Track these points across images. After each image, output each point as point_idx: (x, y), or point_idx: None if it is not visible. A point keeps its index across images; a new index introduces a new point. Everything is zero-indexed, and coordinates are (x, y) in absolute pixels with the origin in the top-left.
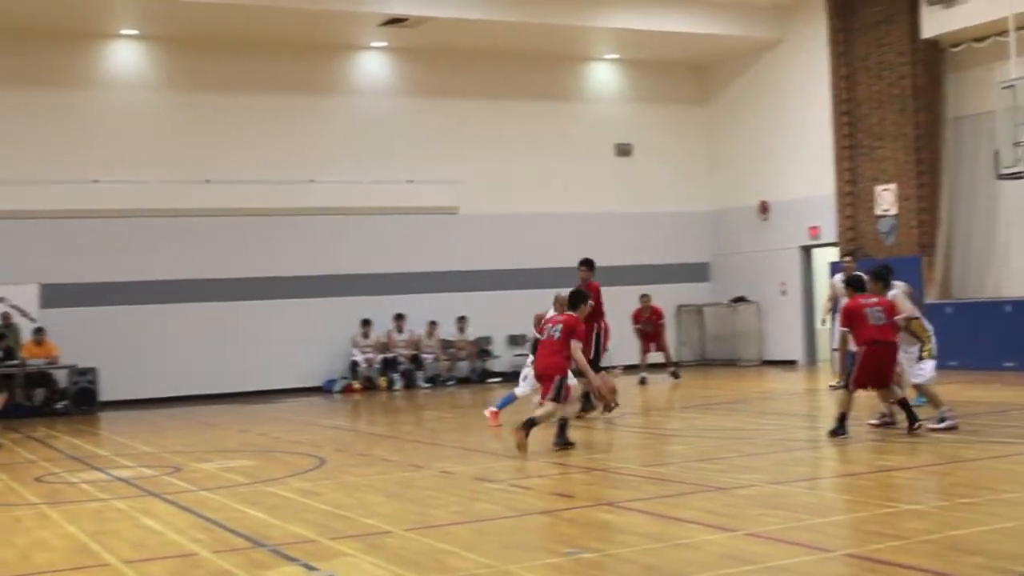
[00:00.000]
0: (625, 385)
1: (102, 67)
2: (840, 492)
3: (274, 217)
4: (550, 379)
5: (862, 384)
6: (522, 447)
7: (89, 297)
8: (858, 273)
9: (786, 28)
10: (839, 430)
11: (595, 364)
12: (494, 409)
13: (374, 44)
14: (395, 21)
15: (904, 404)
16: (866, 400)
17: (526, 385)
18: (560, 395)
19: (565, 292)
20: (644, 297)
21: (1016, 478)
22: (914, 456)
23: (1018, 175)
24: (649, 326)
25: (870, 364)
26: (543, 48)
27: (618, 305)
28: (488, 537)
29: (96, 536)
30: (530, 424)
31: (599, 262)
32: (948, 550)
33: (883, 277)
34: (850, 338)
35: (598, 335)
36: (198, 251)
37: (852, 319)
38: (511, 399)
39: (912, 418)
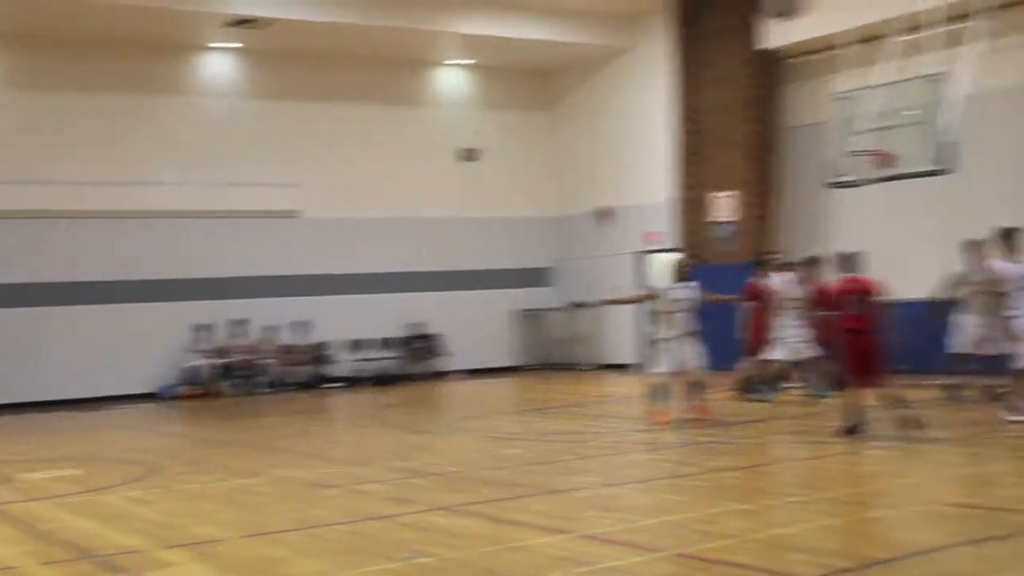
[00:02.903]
0: (469, 390)
1: None
2: (672, 493)
3: (111, 219)
4: None
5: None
6: None
7: None
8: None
9: (631, 36)
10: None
11: None
12: None
13: (220, 44)
14: (243, 22)
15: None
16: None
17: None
18: None
19: None
20: None
21: (841, 477)
22: (744, 456)
23: (850, 184)
24: None
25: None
26: (391, 52)
27: (460, 307)
28: (324, 543)
29: None
30: None
31: (443, 267)
32: (774, 548)
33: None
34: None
35: None
36: (29, 253)
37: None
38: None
39: None
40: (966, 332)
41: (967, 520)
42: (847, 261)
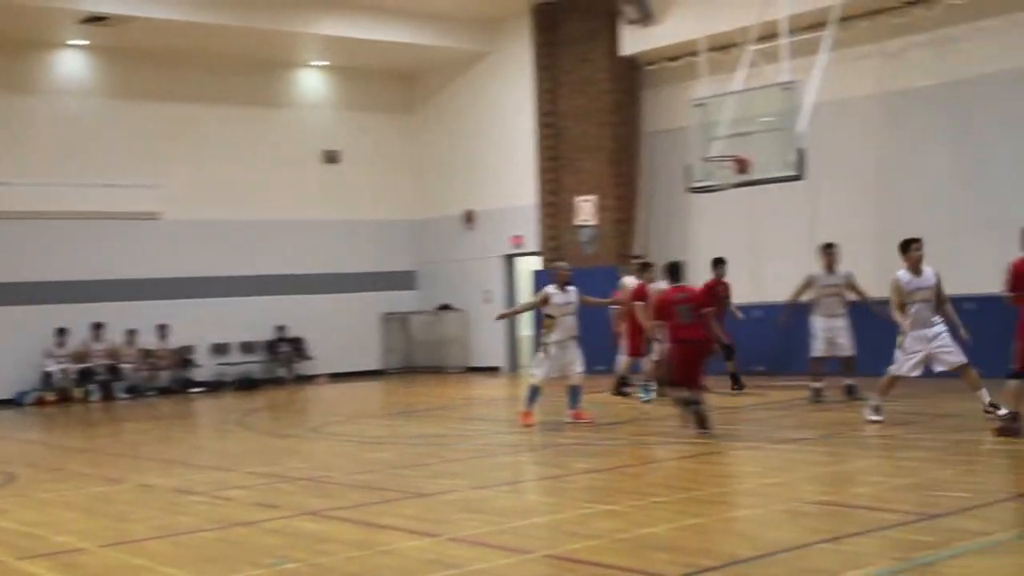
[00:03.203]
0: (335, 393)
1: None
2: (540, 495)
3: None
4: None
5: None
6: None
7: None
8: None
9: (492, 41)
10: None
11: None
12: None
13: (73, 42)
14: (96, 19)
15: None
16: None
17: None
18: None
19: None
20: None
21: (704, 477)
22: (610, 458)
23: (708, 188)
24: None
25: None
26: (251, 53)
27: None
28: (188, 550)
29: None
30: None
31: (307, 270)
32: (640, 548)
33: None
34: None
35: None
36: None
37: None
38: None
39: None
40: (817, 335)
41: (828, 517)
42: (674, 269)
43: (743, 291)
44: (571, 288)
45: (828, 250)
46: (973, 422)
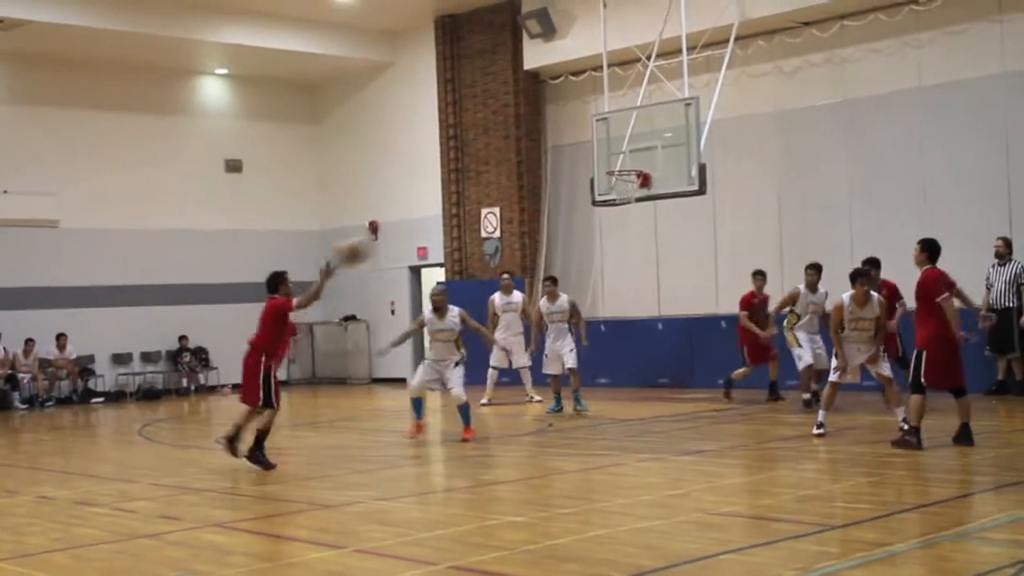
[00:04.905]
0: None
1: None
2: (446, 506)
3: None
4: None
5: None
6: None
7: None
8: None
9: (396, 52)
10: None
11: None
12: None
13: None
14: None
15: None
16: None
17: None
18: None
19: None
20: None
21: (608, 488)
22: (517, 470)
23: (611, 202)
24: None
25: None
26: (151, 60)
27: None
28: (89, 564)
29: None
30: None
31: (209, 279)
32: (546, 558)
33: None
34: None
35: None
36: None
37: None
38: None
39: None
40: (805, 347)
41: (732, 528)
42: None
43: (647, 304)
44: (452, 313)
45: (811, 270)
46: (874, 434)
